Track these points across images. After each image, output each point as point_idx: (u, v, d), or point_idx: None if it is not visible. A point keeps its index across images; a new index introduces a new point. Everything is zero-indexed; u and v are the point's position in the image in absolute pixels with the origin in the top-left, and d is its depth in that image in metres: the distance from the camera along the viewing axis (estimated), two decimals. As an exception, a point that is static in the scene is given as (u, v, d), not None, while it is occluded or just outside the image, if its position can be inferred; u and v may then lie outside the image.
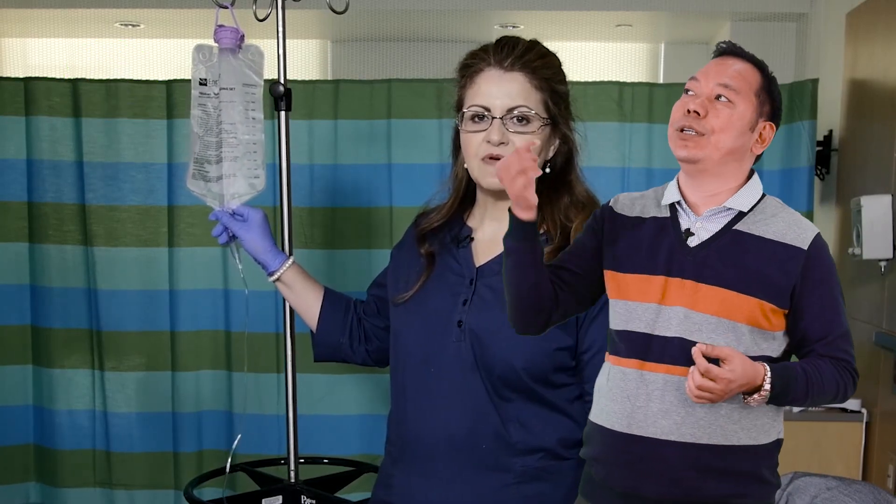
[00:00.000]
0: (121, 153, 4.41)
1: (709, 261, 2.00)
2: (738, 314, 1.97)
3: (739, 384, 1.87)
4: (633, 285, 2.05)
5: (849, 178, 4.34)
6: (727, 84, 2.00)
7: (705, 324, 1.97)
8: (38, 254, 4.48)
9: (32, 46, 6.01)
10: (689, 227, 2.06)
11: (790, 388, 1.92)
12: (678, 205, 2.09)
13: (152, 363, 4.52)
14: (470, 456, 2.36)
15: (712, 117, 2.00)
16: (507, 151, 2.32)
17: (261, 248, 2.69)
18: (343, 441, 4.46)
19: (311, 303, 2.73)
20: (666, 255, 2.04)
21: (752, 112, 2.03)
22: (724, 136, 2.00)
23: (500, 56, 2.36)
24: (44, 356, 4.54)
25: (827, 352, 1.99)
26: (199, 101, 2.68)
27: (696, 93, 2.03)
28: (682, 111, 2.03)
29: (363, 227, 4.41)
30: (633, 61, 6.08)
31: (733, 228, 2.03)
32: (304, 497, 2.99)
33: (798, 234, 2.00)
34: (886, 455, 3.80)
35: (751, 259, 1.99)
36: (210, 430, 4.55)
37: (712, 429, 1.99)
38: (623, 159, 4.35)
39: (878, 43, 4.04)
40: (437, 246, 2.50)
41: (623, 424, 2.05)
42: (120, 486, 4.59)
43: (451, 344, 2.39)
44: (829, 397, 1.99)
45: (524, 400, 2.33)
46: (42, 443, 4.62)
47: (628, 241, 2.09)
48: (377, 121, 4.38)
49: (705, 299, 1.98)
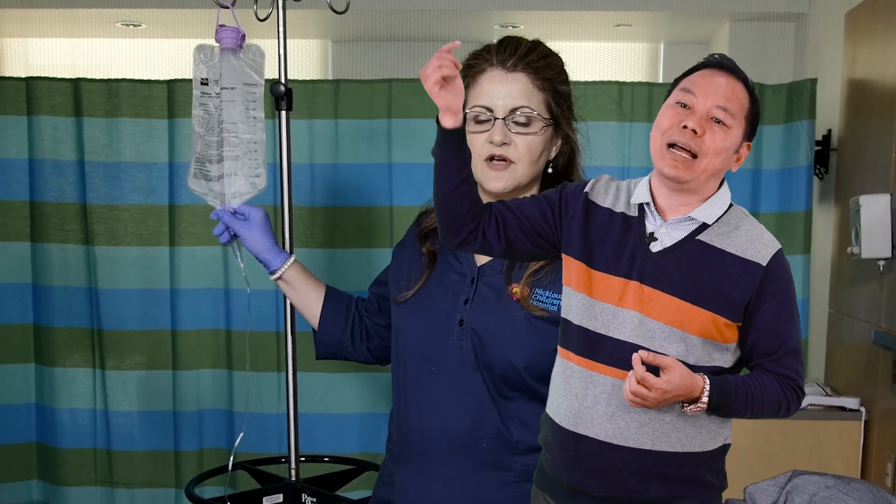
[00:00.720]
0: (122, 153, 4.40)
1: (668, 269, 1.99)
2: (691, 326, 1.97)
3: (675, 394, 1.90)
4: (598, 283, 2.04)
5: (847, 178, 4.33)
6: (725, 107, 1.98)
7: (658, 331, 1.98)
8: (40, 253, 4.48)
9: (34, 46, 6.01)
10: (653, 231, 2.04)
11: (728, 402, 1.94)
12: (646, 206, 2.06)
13: (153, 362, 4.52)
14: (470, 454, 2.35)
15: (709, 139, 1.97)
16: (510, 152, 2.34)
17: (262, 246, 2.68)
18: (343, 440, 4.46)
19: (312, 301, 2.73)
20: (629, 257, 2.03)
21: (741, 135, 2.02)
22: (716, 159, 1.98)
23: (503, 56, 2.35)
24: (46, 355, 4.54)
25: (773, 368, 2.00)
26: (200, 101, 2.67)
27: (693, 108, 1.99)
28: (676, 125, 1.98)
29: (363, 226, 4.40)
30: (632, 61, 6.08)
31: (696, 238, 2.01)
32: (305, 495, 2.99)
33: (759, 249, 2.00)
34: (885, 453, 3.79)
35: (709, 272, 1.99)
36: (211, 428, 4.55)
37: (656, 435, 2.01)
38: (623, 158, 4.35)
39: (876, 43, 4.03)
40: (438, 245, 2.49)
41: (570, 423, 2.06)
42: (121, 484, 4.59)
43: (452, 343, 2.38)
44: (772, 412, 2.01)
45: (525, 399, 2.33)
46: (44, 441, 4.62)
47: (597, 234, 2.08)
48: (377, 120, 4.37)
49: (660, 307, 1.98)
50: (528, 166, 2.37)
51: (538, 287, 2.33)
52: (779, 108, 4.31)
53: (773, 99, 4.26)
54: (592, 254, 2.06)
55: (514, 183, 2.37)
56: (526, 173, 2.38)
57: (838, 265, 4.39)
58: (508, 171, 2.36)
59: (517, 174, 2.37)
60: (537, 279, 2.34)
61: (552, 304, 2.31)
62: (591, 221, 2.09)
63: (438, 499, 2.40)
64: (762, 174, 4.36)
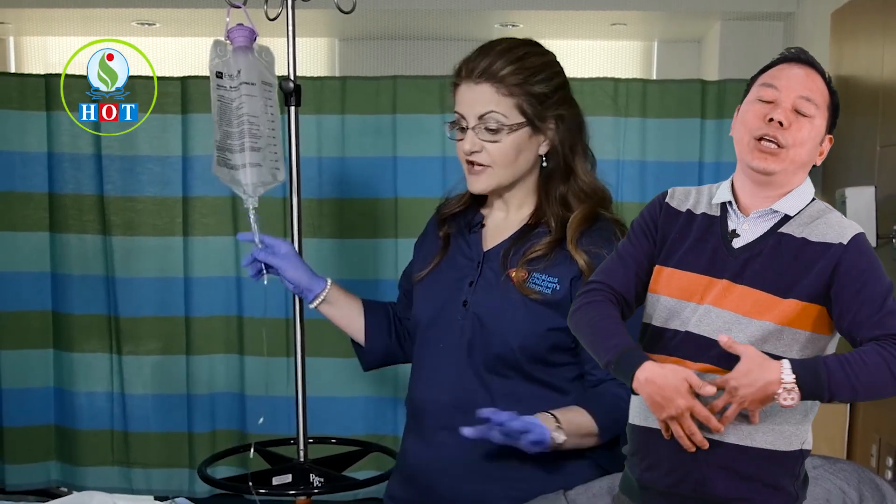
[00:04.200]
0: (138, 146, 4.41)
1: (751, 263, 1.91)
2: (770, 314, 1.86)
3: (749, 385, 1.75)
4: (678, 281, 1.97)
5: (834, 170, 4.33)
6: (808, 97, 1.90)
7: (734, 322, 1.87)
8: (59, 243, 4.49)
9: (53, 45, 6.01)
10: (735, 228, 1.96)
11: (820, 377, 1.75)
12: (728, 205, 1.99)
13: (168, 347, 4.54)
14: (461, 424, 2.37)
15: (795, 130, 1.89)
16: (482, 158, 2.36)
17: (302, 273, 2.67)
18: (350, 422, 4.47)
19: (354, 316, 2.72)
20: (710, 255, 1.95)
21: (825, 126, 1.93)
22: (803, 150, 1.90)
23: (469, 69, 2.36)
24: (64, 340, 4.55)
25: (870, 334, 1.80)
26: (217, 93, 2.67)
27: (776, 102, 1.91)
28: (761, 119, 1.90)
29: (369, 217, 4.41)
30: (627, 58, 6.07)
31: (778, 231, 1.93)
32: (313, 475, 2.99)
33: (839, 232, 1.89)
34: (870, 436, 3.80)
35: (791, 262, 1.89)
36: (223, 411, 4.57)
37: (728, 427, 1.85)
38: (618, 152, 4.35)
39: (861, 41, 4.03)
40: (454, 230, 2.54)
41: (641, 418, 1.98)
42: (137, 464, 4.60)
43: (457, 322, 2.41)
44: (884, 378, 1.77)
45: (521, 378, 2.35)
46: (63, 423, 4.63)
47: (678, 235, 2.00)
48: (383, 115, 4.38)
49: (738, 299, 1.89)
50: (505, 168, 2.38)
51: (535, 271, 2.35)
52: (768, 103, 4.31)
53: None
54: (673, 255, 1.99)
55: (494, 184, 2.40)
56: (506, 175, 2.39)
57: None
58: (486, 174, 2.38)
59: (495, 176, 2.39)
60: (534, 263, 2.36)
61: (546, 287, 2.32)
62: (672, 226, 2.02)
63: (434, 463, 2.45)
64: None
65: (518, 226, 2.43)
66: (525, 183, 2.43)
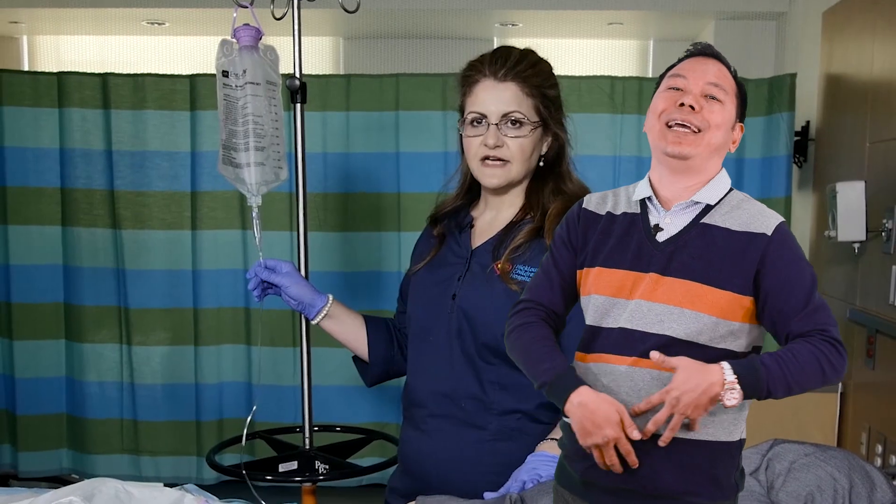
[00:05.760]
0: (147, 142, 4.42)
1: (676, 256, 1.88)
2: (701, 304, 1.83)
3: (691, 391, 1.72)
4: (605, 279, 1.93)
5: (825, 166, 4.34)
6: (716, 83, 1.91)
7: (666, 314, 1.84)
8: (71, 236, 4.50)
9: (65, 43, 6.00)
10: (657, 223, 1.94)
11: (758, 374, 1.73)
12: (648, 200, 1.97)
13: (176, 338, 4.54)
14: (451, 413, 2.46)
15: (707, 112, 1.89)
16: (503, 153, 2.42)
17: (305, 290, 2.72)
18: (354, 410, 4.48)
19: (357, 330, 2.75)
20: (634, 251, 1.92)
21: (734, 111, 1.94)
22: (717, 132, 1.89)
23: (495, 68, 2.43)
24: (75, 331, 4.56)
25: (799, 329, 1.80)
26: (223, 92, 2.67)
27: (686, 90, 1.91)
28: (672, 105, 1.90)
29: (373, 211, 4.41)
30: (623, 57, 6.06)
31: (701, 222, 1.91)
32: (318, 462, 2.99)
33: (762, 221, 1.87)
34: (860, 424, 3.81)
35: (717, 251, 1.86)
36: (230, 400, 4.57)
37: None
38: (615, 148, 4.35)
39: (852, 40, 4.03)
40: (446, 229, 2.60)
41: None
42: (146, 452, 4.61)
43: (445, 314, 2.48)
44: (816, 373, 1.77)
45: (506, 366, 2.37)
46: (74, 412, 4.64)
47: (600, 237, 1.97)
48: (386, 112, 4.38)
49: (669, 292, 1.86)
50: (521, 164, 2.44)
51: (518, 263, 2.41)
52: (760, 101, 4.31)
53: (754, 92, 4.27)
54: (598, 255, 1.96)
55: (508, 179, 2.46)
56: (520, 170, 2.45)
57: (816, 248, 4.40)
58: (504, 169, 2.44)
59: (511, 172, 2.45)
60: (518, 255, 2.42)
61: (528, 277, 2.38)
62: (593, 229, 1.99)
63: (427, 452, 2.50)
64: (745, 163, 4.38)
65: (505, 224, 2.49)
66: (523, 182, 2.49)
